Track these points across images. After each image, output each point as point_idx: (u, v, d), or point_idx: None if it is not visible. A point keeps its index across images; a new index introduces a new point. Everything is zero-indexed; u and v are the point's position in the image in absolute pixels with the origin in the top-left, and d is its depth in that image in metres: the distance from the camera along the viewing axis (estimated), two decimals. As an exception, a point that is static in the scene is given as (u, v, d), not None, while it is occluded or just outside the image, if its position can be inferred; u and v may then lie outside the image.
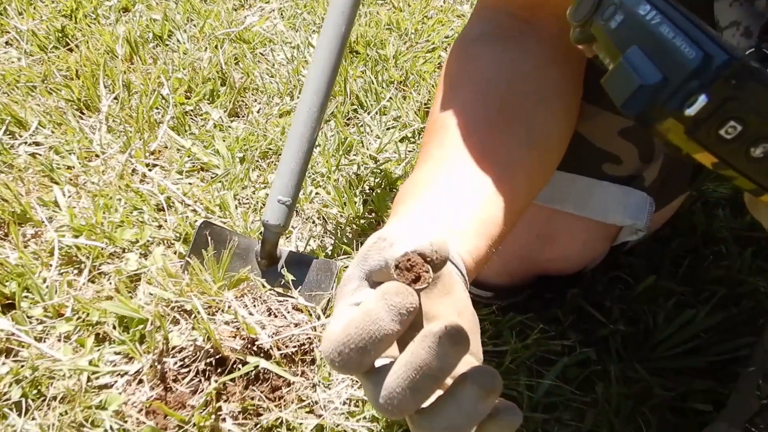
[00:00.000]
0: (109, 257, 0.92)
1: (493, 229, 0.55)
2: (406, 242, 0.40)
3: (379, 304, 0.37)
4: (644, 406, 0.79)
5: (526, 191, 0.61)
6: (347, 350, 0.37)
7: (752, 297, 0.90)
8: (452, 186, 0.55)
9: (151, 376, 0.73)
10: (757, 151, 0.29)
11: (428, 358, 0.36)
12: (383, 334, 0.36)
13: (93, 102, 1.30)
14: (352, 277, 0.44)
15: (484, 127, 0.59)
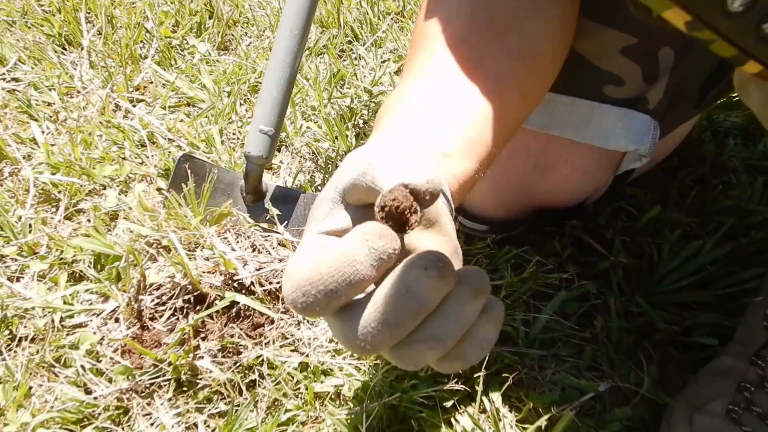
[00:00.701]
0: (87, 194, 0.89)
1: (482, 150, 0.50)
2: (391, 166, 0.35)
3: (359, 245, 0.32)
4: (646, 341, 0.76)
5: (518, 108, 0.56)
6: (314, 291, 0.33)
7: (762, 228, 0.85)
8: (440, 101, 0.50)
9: (127, 314, 0.70)
10: (736, 3, 0.24)
11: (411, 291, 0.33)
12: (359, 278, 0.33)
13: (75, 37, 1.24)
14: (324, 199, 0.40)
15: (474, 37, 0.54)
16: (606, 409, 0.70)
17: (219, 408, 0.65)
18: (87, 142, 0.97)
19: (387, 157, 0.37)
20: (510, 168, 0.78)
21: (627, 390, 0.71)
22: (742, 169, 0.95)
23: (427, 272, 0.32)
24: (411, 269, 0.33)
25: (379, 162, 0.37)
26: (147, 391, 0.66)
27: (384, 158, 0.37)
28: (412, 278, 0.33)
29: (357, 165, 0.38)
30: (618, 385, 0.71)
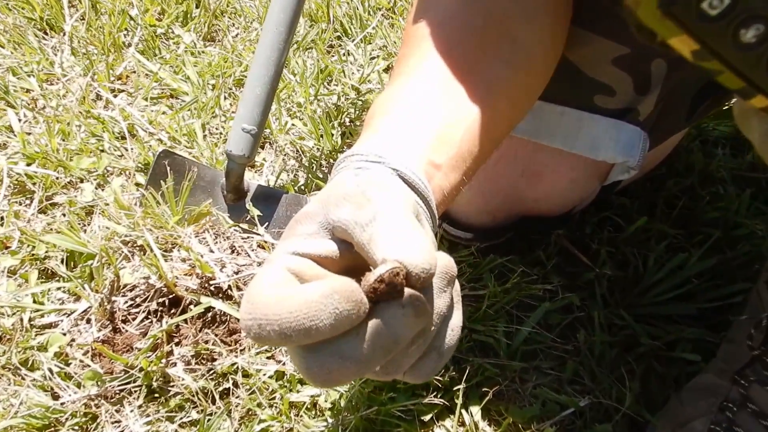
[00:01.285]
0: (63, 187, 0.86)
1: (470, 162, 0.50)
2: (392, 228, 0.34)
3: (325, 303, 0.30)
4: (629, 354, 0.75)
5: (507, 117, 0.55)
6: (269, 329, 0.31)
7: (749, 240, 0.85)
8: (433, 108, 0.49)
9: (99, 315, 0.68)
10: (749, 34, 0.22)
11: (388, 328, 0.32)
12: (316, 332, 0.31)
13: (57, 21, 1.21)
14: (311, 216, 0.38)
15: (467, 41, 0.53)
16: (586, 425, 0.69)
17: (191, 417, 0.63)
18: (65, 132, 0.94)
19: (387, 205, 0.36)
20: (497, 175, 0.76)
21: (609, 406, 0.70)
22: (729, 180, 0.94)
23: (404, 311, 0.31)
24: (388, 306, 0.32)
25: (381, 214, 0.35)
26: (117, 397, 0.64)
27: (384, 205, 0.36)
28: (389, 316, 0.32)
29: (354, 200, 0.37)
30: (599, 401, 0.70)
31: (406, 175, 0.42)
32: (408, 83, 0.51)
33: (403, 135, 0.47)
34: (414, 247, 0.33)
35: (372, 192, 0.37)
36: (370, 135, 0.47)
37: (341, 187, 0.38)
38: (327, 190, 0.39)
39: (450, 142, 0.48)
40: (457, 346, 0.38)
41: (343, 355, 0.32)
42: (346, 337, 0.32)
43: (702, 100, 0.73)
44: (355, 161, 0.44)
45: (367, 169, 0.42)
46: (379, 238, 0.34)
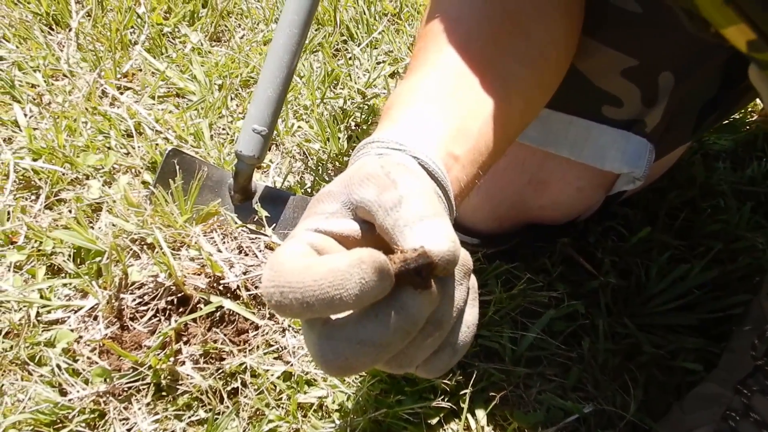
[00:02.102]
0: (69, 183, 0.86)
1: (486, 156, 0.51)
2: (417, 213, 0.34)
3: (352, 272, 0.30)
4: (632, 363, 0.76)
5: (521, 114, 0.56)
6: (292, 296, 0.30)
7: (749, 253, 0.86)
8: (451, 100, 0.50)
9: (107, 313, 0.67)
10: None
11: (405, 310, 0.32)
12: (339, 303, 0.30)
13: (63, 17, 1.21)
14: (334, 195, 0.38)
15: (484, 37, 0.53)
16: (590, 431, 0.69)
17: (199, 415, 0.63)
18: (71, 128, 0.94)
19: (414, 189, 0.35)
20: (504, 182, 0.77)
21: (612, 413, 0.71)
22: (730, 193, 0.95)
23: (424, 292, 0.31)
24: (406, 289, 0.32)
25: (407, 198, 0.35)
26: (125, 394, 0.64)
27: (411, 189, 0.35)
28: (408, 296, 0.32)
29: (378, 181, 0.37)
30: (603, 408, 0.71)
31: (426, 163, 0.43)
32: (426, 75, 0.52)
33: (422, 125, 0.47)
34: (440, 235, 0.33)
35: (397, 174, 0.36)
36: (390, 124, 0.47)
37: (365, 168, 0.38)
38: (350, 171, 0.39)
39: (468, 134, 0.48)
40: (471, 344, 0.38)
41: (360, 339, 0.32)
42: (363, 321, 0.32)
43: (709, 113, 0.74)
44: (375, 147, 0.44)
45: (388, 155, 0.42)
46: (405, 223, 0.33)
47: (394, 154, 0.43)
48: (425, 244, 0.32)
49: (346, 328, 0.32)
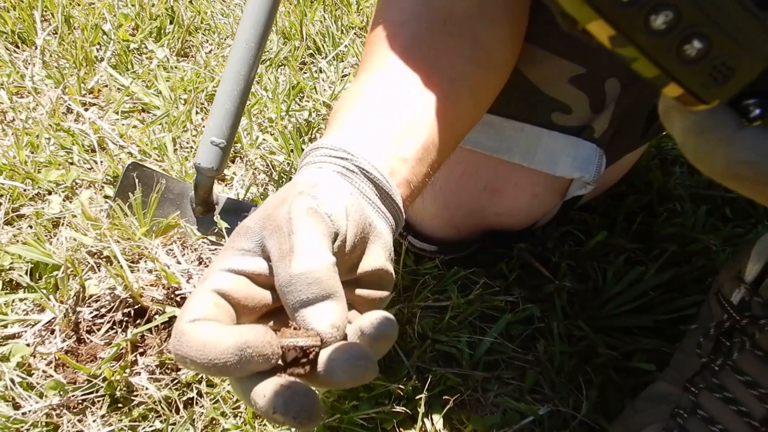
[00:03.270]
0: (30, 199, 0.86)
1: (435, 155, 0.52)
2: (309, 288, 0.35)
3: (235, 354, 0.33)
4: (588, 365, 0.77)
5: (469, 112, 0.57)
6: (193, 367, 0.34)
7: (703, 255, 0.88)
8: (397, 102, 0.51)
9: (63, 326, 0.68)
10: (659, 20, 0.24)
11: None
12: (230, 374, 0.34)
13: (29, 35, 1.21)
14: (251, 232, 0.39)
15: (429, 37, 0.55)
16: (545, 432, 0.70)
17: (154, 426, 0.64)
18: (34, 144, 0.95)
19: (304, 267, 0.36)
20: (460, 190, 0.78)
21: (566, 414, 0.72)
22: (686, 197, 0.98)
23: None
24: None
25: (296, 280, 0.36)
26: (79, 407, 0.64)
27: (302, 267, 0.36)
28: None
29: (280, 240, 0.37)
30: (558, 409, 0.72)
31: (369, 172, 0.44)
32: (371, 78, 0.53)
33: (367, 128, 0.48)
34: (321, 322, 0.35)
35: (297, 238, 0.37)
36: (336, 129, 0.48)
37: (276, 213, 0.38)
38: (269, 205, 0.40)
39: (415, 133, 0.50)
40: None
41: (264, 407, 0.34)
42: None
43: (656, 118, 0.76)
44: (320, 155, 0.45)
45: (320, 169, 0.44)
46: (293, 305, 0.35)
47: (326, 168, 0.44)
48: (306, 328, 0.35)
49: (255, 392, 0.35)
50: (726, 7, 0.24)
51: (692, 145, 0.31)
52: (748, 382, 0.64)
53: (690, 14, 0.24)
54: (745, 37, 0.25)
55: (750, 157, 0.29)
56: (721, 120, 0.29)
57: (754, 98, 0.28)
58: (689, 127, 0.30)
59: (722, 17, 0.24)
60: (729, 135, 0.29)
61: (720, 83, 0.26)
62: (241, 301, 0.37)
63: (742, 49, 0.25)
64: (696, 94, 0.26)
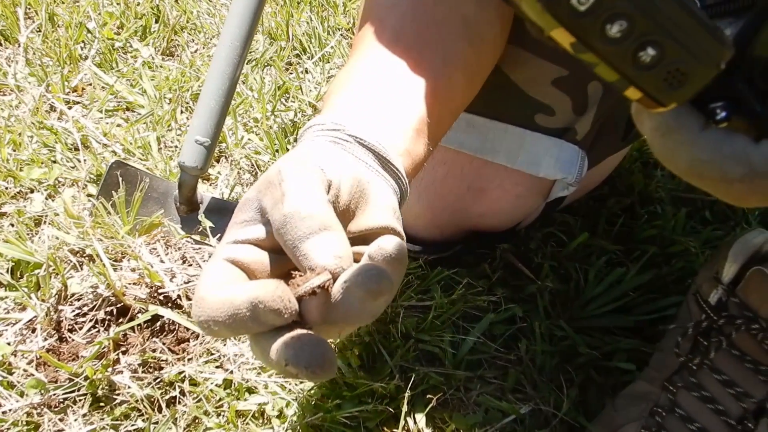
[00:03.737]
0: (12, 197, 0.86)
1: (432, 129, 0.52)
2: (303, 223, 0.35)
3: (249, 310, 0.33)
4: (569, 364, 0.78)
5: (463, 90, 0.58)
6: (216, 327, 0.34)
7: (683, 257, 0.89)
8: (389, 81, 0.51)
9: (45, 325, 0.67)
10: (614, 29, 0.25)
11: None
12: (247, 330, 0.34)
13: (12, 32, 1.21)
14: (249, 202, 0.39)
15: (420, 19, 0.55)
16: (527, 431, 0.71)
17: (136, 425, 0.63)
18: (16, 142, 0.94)
19: (296, 205, 0.36)
20: (444, 190, 0.79)
21: (547, 413, 0.73)
22: (667, 200, 0.99)
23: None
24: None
25: (290, 218, 0.36)
26: (61, 406, 0.63)
27: (293, 205, 0.36)
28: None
29: (272, 192, 0.38)
30: (539, 408, 0.73)
31: (363, 139, 0.44)
32: (362, 60, 0.53)
33: (360, 104, 0.48)
34: (321, 254, 0.35)
35: (288, 184, 0.37)
36: (327, 110, 0.49)
37: (268, 172, 0.40)
38: (266, 172, 0.41)
39: (409, 107, 0.50)
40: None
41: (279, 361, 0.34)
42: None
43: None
44: (313, 131, 0.45)
45: (312, 142, 0.44)
46: (292, 244, 0.36)
47: (319, 138, 0.44)
48: (310, 265, 0.35)
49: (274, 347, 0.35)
50: (677, 17, 0.25)
51: (659, 144, 0.32)
52: (725, 381, 0.65)
53: (643, 24, 0.25)
54: (696, 45, 0.26)
55: (711, 156, 0.31)
56: (686, 121, 0.31)
57: (721, 101, 0.29)
58: (656, 127, 0.32)
59: (674, 27, 0.26)
60: (692, 136, 0.31)
61: (675, 88, 0.27)
62: (250, 265, 0.38)
63: (694, 56, 0.26)
64: (654, 98, 0.28)
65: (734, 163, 0.31)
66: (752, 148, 0.31)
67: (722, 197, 0.34)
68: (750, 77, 0.30)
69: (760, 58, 0.30)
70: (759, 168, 0.31)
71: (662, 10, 0.25)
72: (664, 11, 0.25)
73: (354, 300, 0.34)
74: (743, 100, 0.30)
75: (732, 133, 0.31)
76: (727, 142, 0.31)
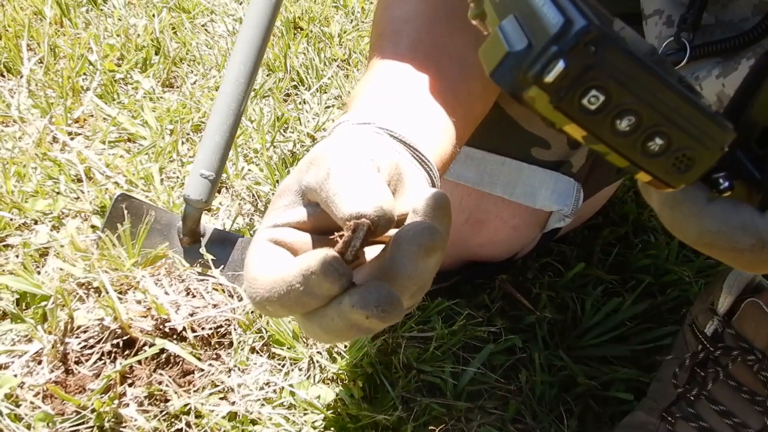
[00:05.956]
0: (17, 228, 0.87)
1: (456, 130, 0.53)
2: (348, 183, 0.36)
3: (300, 283, 0.33)
4: (568, 394, 0.79)
5: (480, 97, 0.59)
6: (271, 308, 0.34)
7: (677, 286, 0.91)
8: (413, 83, 0.53)
9: (51, 357, 0.68)
10: (623, 123, 0.27)
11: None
12: (304, 306, 0.34)
13: (15, 64, 1.22)
14: (288, 188, 0.40)
15: (436, 28, 0.57)
16: (527, 461, 0.72)
17: (142, 457, 0.64)
18: (20, 174, 0.95)
19: (339, 159, 0.37)
20: (444, 222, 0.80)
21: (548, 443, 0.74)
22: (660, 229, 1.01)
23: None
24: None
25: (336, 174, 0.36)
26: (67, 439, 0.64)
27: (336, 160, 0.37)
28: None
29: (317, 163, 0.39)
30: (540, 438, 0.74)
31: (393, 131, 0.45)
32: (385, 66, 0.54)
33: (389, 103, 0.49)
34: (364, 198, 0.34)
35: (329, 152, 0.38)
36: (356, 107, 0.50)
37: (311, 152, 0.40)
38: (303, 158, 0.41)
39: (433, 107, 0.51)
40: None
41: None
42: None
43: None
44: (339, 129, 0.46)
45: (343, 133, 0.44)
46: (335, 193, 0.36)
47: (349, 130, 0.45)
48: (353, 211, 0.34)
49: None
50: (680, 108, 0.27)
51: (668, 216, 0.34)
52: (722, 411, 0.66)
53: (650, 117, 0.27)
54: (700, 132, 0.28)
55: (719, 228, 0.32)
56: (692, 194, 0.33)
57: (723, 171, 0.31)
58: (664, 200, 0.34)
59: (678, 117, 0.28)
60: (700, 208, 0.33)
61: (683, 171, 0.29)
62: (293, 245, 0.38)
63: (699, 142, 0.28)
64: (663, 181, 0.30)
65: (742, 233, 0.32)
66: (759, 219, 0.32)
67: (734, 265, 0.35)
68: (747, 143, 0.32)
69: (756, 123, 0.32)
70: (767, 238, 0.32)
71: (667, 103, 0.27)
72: (669, 104, 0.27)
73: (406, 258, 0.34)
74: (741, 167, 0.32)
75: (738, 204, 0.33)
76: (735, 213, 0.33)
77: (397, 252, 0.34)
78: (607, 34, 0.26)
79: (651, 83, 0.27)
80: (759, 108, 0.32)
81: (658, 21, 0.54)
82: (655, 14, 0.54)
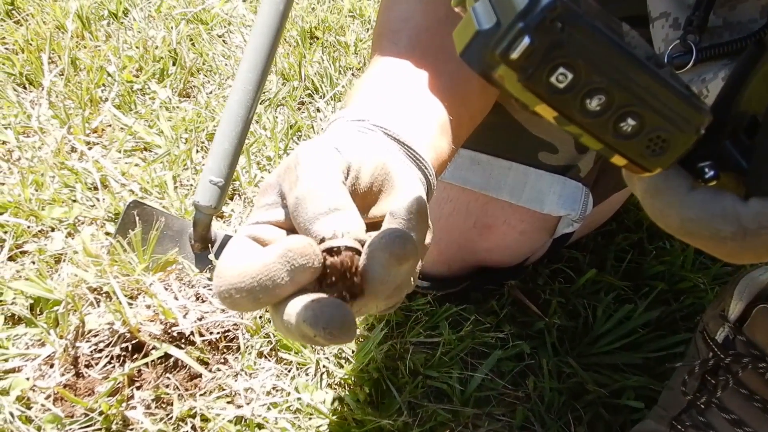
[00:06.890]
0: (34, 235, 0.89)
1: (454, 126, 0.53)
2: (312, 206, 0.36)
3: (279, 261, 0.33)
4: (577, 402, 0.78)
5: (479, 94, 0.59)
6: (238, 295, 0.34)
7: (692, 293, 0.89)
8: (411, 80, 0.53)
9: (63, 360, 0.69)
10: (593, 103, 0.27)
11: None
12: (278, 290, 0.34)
13: (36, 77, 1.25)
14: (270, 187, 0.41)
15: (434, 31, 0.57)
16: (534, 469, 0.71)
17: (148, 460, 0.65)
18: (38, 182, 0.97)
19: (308, 189, 0.37)
20: (451, 227, 0.80)
21: (556, 451, 0.73)
22: (675, 235, 0.99)
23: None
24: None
25: (301, 201, 0.36)
26: (75, 440, 0.65)
27: (306, 189, 0.37)
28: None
29: (288, 176, 0.39)
30: (547, 446, 0.73)
31: (388, 129, 0.45)
32: (382, 64, 0.55)
33: (385, 100, 0.49)
34: (333, 230, 0.35)
35: (302, 169, 0.38)
36: (352, 104, 0.50)
37: (286, 159, 0.40)
38: (286, 157, 0.42)
39: (430, 105, 0.51)
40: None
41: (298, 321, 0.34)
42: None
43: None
44: (334, 125, 0.46)
45: (334, 128, 0.45)
46: (304, 226, 0.36)
47: (342, 127, 0.45)
48: (312, 233, 0.35)
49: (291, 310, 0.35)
50: (652, 88, 0.27)
51: (650, 205, 0.34)
52: (733, 420, 0.65)
53: (620, 97, 0.27)
54: (674, 113, 0.28)
55: (700, 216, 0.32)
56: (674, 182, 0.32)
57: (708, 161, 0.31)
58: (646, 188, 0.33)
59: (650, 97, 0.27)
60: (681, 196, 0.32)
61: (658, 154, 0.29)
62: (270, 241, 0.38)
63: (673, 124, 0.28)
64: (639, 164, 0.29)
65: (723, 221, 0.32)
66: (741, 206, 0.32)
67: (716, 255, 0.35)
68: (735, 133, 0.31)
69: (745, 113, 0.31)
70: (749, 226, 0.31)
71: (637, 82, 0.27)
72: (640, 83, 0.27)
73: (378, 265, 0.34)
74: (729, 157, 0.31)
75: (720, 192, 0.32)
76: (716, 201, 0.32)
77: (370, 257, 0.35)
78: (574, 11, 0.25)
79: (621, 62, 0.26)
80: (747, 97, 0.31)
81: (665, 24, 0.53)
82: (662, 17, 0.54)
